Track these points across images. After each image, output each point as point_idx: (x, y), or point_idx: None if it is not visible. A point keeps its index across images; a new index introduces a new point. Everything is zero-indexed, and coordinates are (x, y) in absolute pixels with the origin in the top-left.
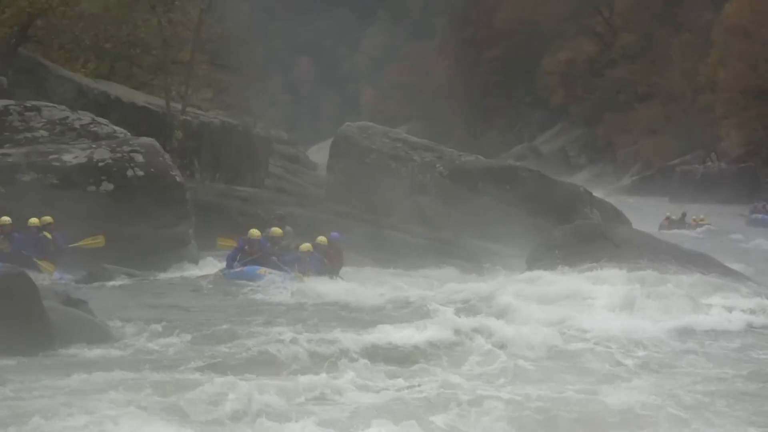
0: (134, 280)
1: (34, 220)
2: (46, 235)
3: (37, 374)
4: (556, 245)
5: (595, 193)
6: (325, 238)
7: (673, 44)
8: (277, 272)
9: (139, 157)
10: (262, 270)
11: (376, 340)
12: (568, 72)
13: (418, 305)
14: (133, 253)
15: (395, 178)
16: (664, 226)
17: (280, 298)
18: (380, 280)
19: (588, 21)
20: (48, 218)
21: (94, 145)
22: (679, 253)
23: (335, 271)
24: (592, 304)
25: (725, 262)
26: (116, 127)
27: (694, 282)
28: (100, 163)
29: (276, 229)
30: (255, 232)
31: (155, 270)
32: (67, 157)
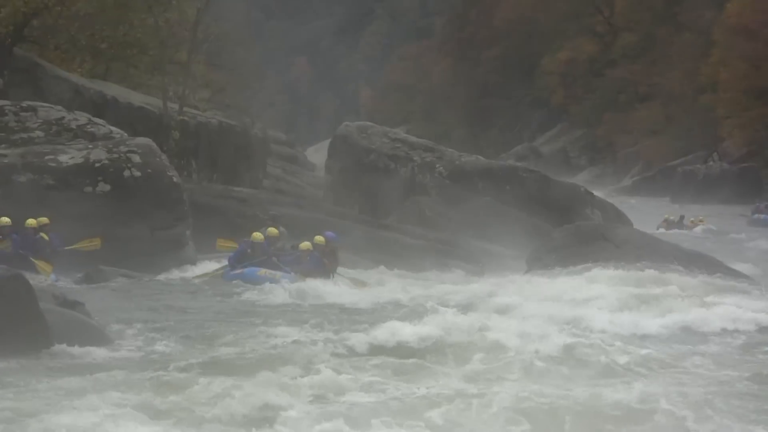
0: (131, 282)
1: (32, 221)
2: (43, 236)
3: (34, 376)
4: (557, 246)
5: (596, 194)
6: (322, 237)
7: (674, 44)
8: (278, 273)
9: (136, 158)
10: (263, 271)
11: (377, 340)
12: (568, 72)
13: (418, 305)
14: (130, 255)
15: (394, 179)
16: (662, 227)
17: (280, 299)
18: (380, 280)
19: (588, 20)
20: (44, 219)
21: (91, 146)
22: (680, 254)
23: (332, 271)
24: (593, 305)
25: (727, 263)
26: (113, 128)
27: (695, 282)
28: (97, 164)
29: (272, 230)
30: (258, 236)
31: (152, 271)
32: (64, 158)
